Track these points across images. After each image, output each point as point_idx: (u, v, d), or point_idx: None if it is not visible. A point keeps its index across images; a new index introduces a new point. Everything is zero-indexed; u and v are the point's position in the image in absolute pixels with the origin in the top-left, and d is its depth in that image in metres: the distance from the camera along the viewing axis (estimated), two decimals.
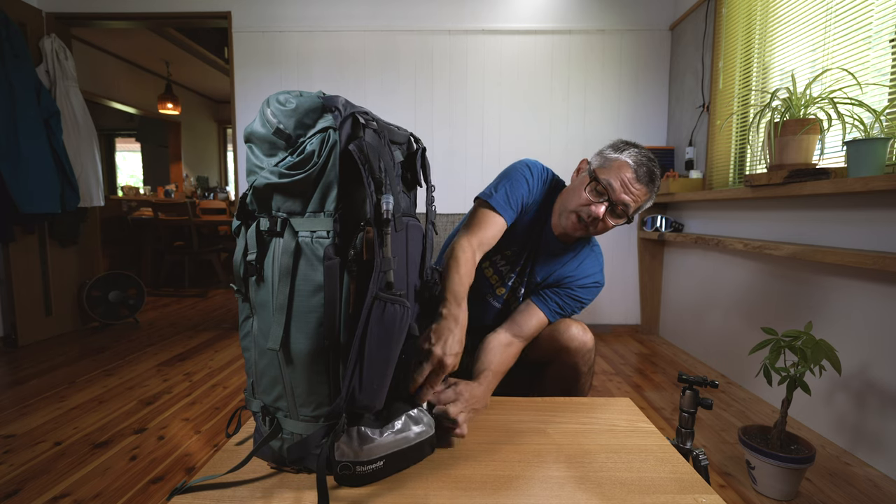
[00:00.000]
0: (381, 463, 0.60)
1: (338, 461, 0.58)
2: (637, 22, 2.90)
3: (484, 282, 1.13)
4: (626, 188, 0.95)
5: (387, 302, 0.56)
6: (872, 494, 1.29)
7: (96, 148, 2.97)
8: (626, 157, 0.96)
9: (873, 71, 1.53)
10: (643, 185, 0.96)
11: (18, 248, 2.65)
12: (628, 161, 0.96)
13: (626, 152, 0.97)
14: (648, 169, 0.96)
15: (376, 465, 0.59)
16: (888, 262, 1.26)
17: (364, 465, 0.59)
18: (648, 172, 0.96)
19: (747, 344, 1.99)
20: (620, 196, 0.95)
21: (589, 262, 1.11)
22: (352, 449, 0.58)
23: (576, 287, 1.07)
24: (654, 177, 0.97)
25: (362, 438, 0.59)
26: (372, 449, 0.59)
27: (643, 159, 0.96)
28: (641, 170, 0.95)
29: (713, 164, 2.49)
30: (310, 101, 0.58)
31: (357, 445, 0.58)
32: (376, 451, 0.59)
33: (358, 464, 0.58)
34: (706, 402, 0.96)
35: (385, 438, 0.60)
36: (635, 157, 0.96)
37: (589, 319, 3.04)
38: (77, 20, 2.99)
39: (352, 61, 2.93)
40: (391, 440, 0.60)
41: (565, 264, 1.10)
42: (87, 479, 1.34)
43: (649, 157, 0.97)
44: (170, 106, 5.33)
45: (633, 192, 0.96)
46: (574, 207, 0.99)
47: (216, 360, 2.44)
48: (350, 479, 0.59)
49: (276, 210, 0.59)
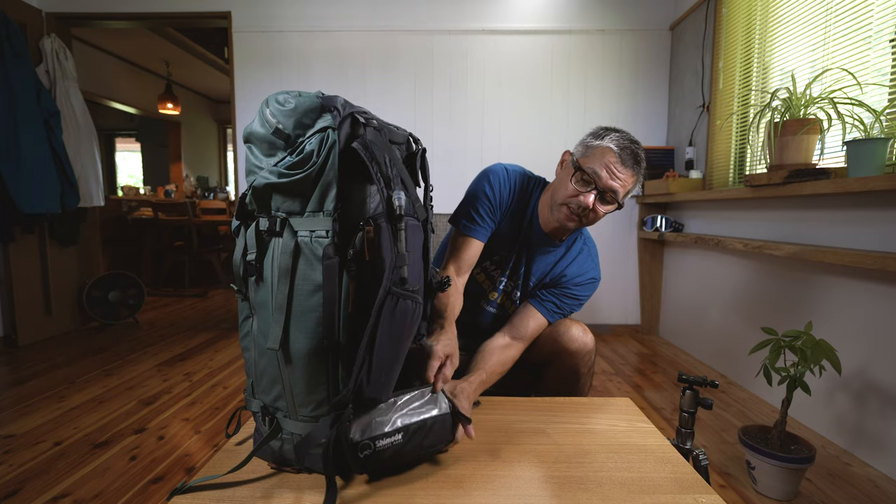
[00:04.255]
0: (399, 436, 0.59)
1: (356, 442, 0.57)
2: (637, 22, 2.89)
3: (477, 288, 1.14)
4: (612, 174, 0.94)
5: (399, 297, 0.57)
6: (872, 494, 1.29)
7: (96, 148, 2.97)
8: (608, 143, 0.95)
9: (873, 71, 1.53)
10: (629, 169, 0.95)
11: (18, 248, 2.65)
12: (611, 146, 0.94)
13: (608, 138, 0.96)
14: (632, 151, 0.95)
15: (395, 438, 0.59)
16: (888, 262, 1.26)
17: (383, 438, 0.58)
18: (633, 155, 0.95)
19: (747, 344, 1.99)
20: (608, 183, 0.94)
21: (583, 259, 1.10)
22: (367, 424, 0.58)
23: (572, 286, 1.07)
24: (639, 159, 0.96)
25: (379, 411, 0.59)
26: (384, 420, 0.58)
27: (625, 143, 0.95)
28: (625, 153, 0.94)
29: (713, 164, 2.49)
30: (309, 101, 0.58)
31: (370, 419, 0.58)
32: (390, 422, 0.59)
33: (376, 438, 0.57)
34: (706, 402, 0.96)
35: (402, 410, 0.60)
36: (617, 141, 0.95)
37: (589, 319, 3.04)
38: (77, 20, 2.99)
39: (352, 61, 2.93)
40: (406, 413, 0.60)
41: (559, 263, 1.09)
42: (87, 479, 1.34)
43: (631, 140, 0.96)
44: (170, 106, 5.33)
45: (620, 177, 0.94)
46: (563, 200, 0.98)
47: (216, 360, 2.44)
48: (372, 459, 0.58)
49: (276, 210, 0.59)
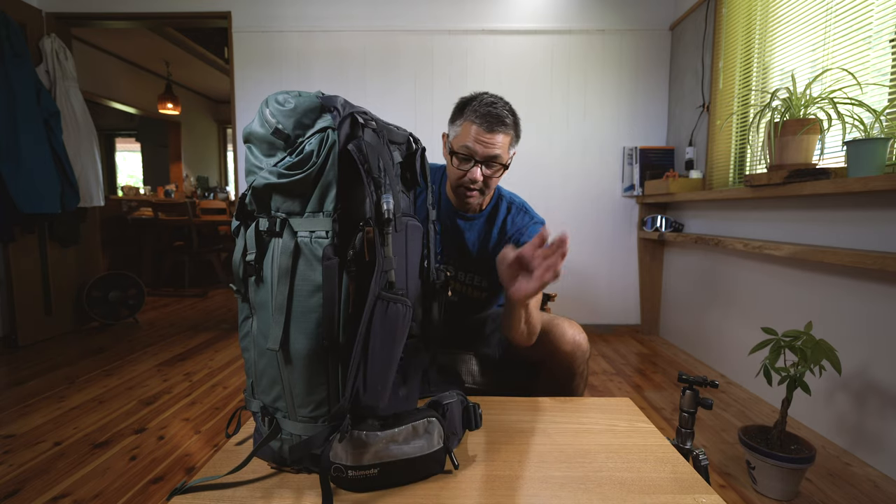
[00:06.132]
0: (374, 471, 0.57)
1: (331, 462, 0.57)
2: (637, 22, 2.89)
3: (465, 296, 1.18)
4: (484, 143, 0.96)
5: (389, 301, 0.56)
6: (872, 494, 1.29)
7: (96, 148, 2.97)
8: (468, 117, 0.97)
9: (873, 71, 1.53)
10: (497, 132, 0.96)
11: (18, 248, 2.65)
12: (472, 119, 0.97)
13: (468, 109, 0.98)
14: (494, 115, 0.96)
15: (369, 472, 0.57)
16: (888, 262, 1.26)
17: (356, 469, 0.57)
18: (496, 117, 0.96)
19: (747, 344, 1.99)
20: (485, 152, 0.97)
21: (512, 217, 1.12)
22: (345, 451, 0.57)
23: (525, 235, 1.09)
24: (502, 117, 0.96)
25: (356, 442, 0.57)
26: (364, 454, 0.57)
27: (485, 108, 0.96)
28: (487, 119, 0.96)
29: (713, 164, 2.49)
30: (308, 101, 0.58)
31: (350, 448, 0.57)
32: (368, 458, 0.57)
33: (350, 468, 0.57)
34: (706, 402, 0.96)
35: (379, 445, 0.57)
36: (475, 111, 0.97)
37: (589, 319, 3.05)
38: (77, 20, 2.99)
39: (352, 61, 2.93)
40: (385, 448, 0.58)
41: (493, 237, 1.12)
42: (87, 479, 1.34)
43: (490, 102, 0.97)
44: (170, 106, 5.33)
45: (492, 142, 0.96)
46: (455, 183, 1.03)
47: (216, 360, 2.44)
48: (342, 482, 0.58)
49: (276, 210, 0.59)
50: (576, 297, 3.03)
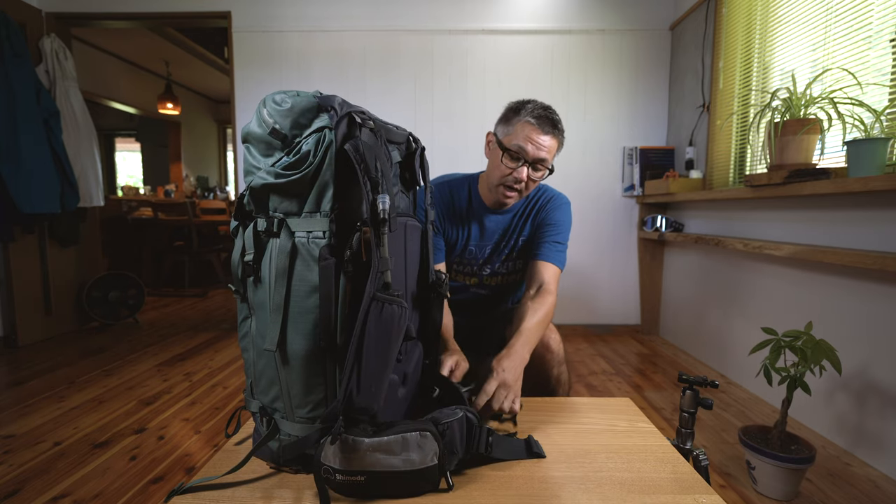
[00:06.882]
0: (361, 478, 0.56)
1: (321, 464, 0.56)
2: (637, 22, 2.89)
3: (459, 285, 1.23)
4: (537, 145, 1.01)
5: (384, 302, 0.56)
6: (873, 495, 1.29)
7: (96, 148, 2.97)
8: (525, 117, 1.02)
9: (873, 71, 1.52)
10: (549, 135, 1.02)
11: (18, 248, 2.65)
12: (529, 119, 1.01)
13: (523, 111, 1.03)
14: (548, 119, 1.02)
15: (356, 478, 0.56)
16: (888, 262, 1.26)
17: (343, 474, 0.56)
18: (550, 121, 1.02)
19: (747, 344, 1.99)
20: (535, 154, 1.01)
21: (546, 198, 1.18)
22: (335, 455, 0.56)
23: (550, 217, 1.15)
24: (556, 122, 1.03)
25: (345, 446, 0.56)
26: (352, 460, 0.56)
27: (540, 111, 1.02)
28: (543, 122, 1.01)
29: (713, 164, 2.49)
30: (306, 101, 0.57)
31: (339, 452, 0.56)
32: (356, 464, 0.56)
33: (338, 471, 0.56)
34: (706, 402, 0.96)
35: (366, 452, 0.56)
36: (532, 112, 1.02)
37: (589, 319, 3.05)
38: (77, 20, 2.98)
39: (352, 61, 2.92)
40: (372, 456, 0.56)
41: (524, 223, 1.18)
42: (87, 479, 1.34)
43: (544, 107, 1.03)
44: (170, 106, 5.33)
45: (544, 145, 1.02)
46: (499, 181, 1.06)
47: (216, 361, 2.44)
48: (331, 485, 0.57)
49: (273, 210, 0.59)
50: (575, 297, 3.03)
